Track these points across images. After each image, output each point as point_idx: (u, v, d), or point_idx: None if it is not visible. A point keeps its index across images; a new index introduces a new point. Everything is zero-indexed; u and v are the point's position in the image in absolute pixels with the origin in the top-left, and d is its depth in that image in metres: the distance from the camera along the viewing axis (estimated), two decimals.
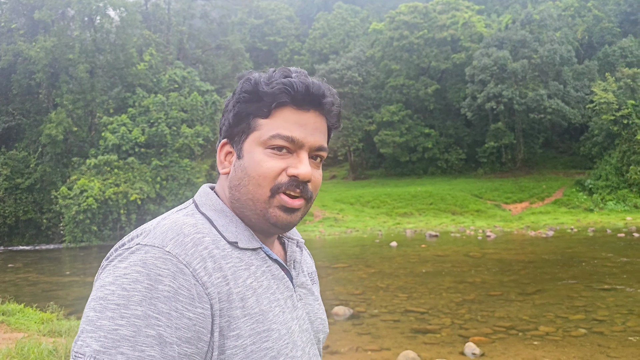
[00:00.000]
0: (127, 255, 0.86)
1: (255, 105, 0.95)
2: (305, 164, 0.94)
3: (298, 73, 0.97)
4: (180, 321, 0.82)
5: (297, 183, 0.94)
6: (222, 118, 1.02)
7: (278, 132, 0.93)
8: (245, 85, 0.96)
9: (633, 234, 21.00)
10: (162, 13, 37.76)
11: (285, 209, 0.95)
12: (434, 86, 40.55)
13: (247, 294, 0.90)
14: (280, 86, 0.93)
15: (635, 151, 31.39)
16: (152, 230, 0.89)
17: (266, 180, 0.94)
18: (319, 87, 0.96)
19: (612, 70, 36.67)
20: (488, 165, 39.21)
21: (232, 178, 0.97)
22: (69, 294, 13.18)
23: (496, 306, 9.78)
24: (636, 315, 8.83)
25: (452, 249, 18.56)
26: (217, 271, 0.87)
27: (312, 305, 1.07)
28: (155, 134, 28.56)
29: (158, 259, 0.84)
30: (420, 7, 41.60)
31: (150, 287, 0.82)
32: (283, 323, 0.94)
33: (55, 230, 28.72)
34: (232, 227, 0.96)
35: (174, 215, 0.94)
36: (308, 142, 0.95)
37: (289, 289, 0.99)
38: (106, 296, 0.82)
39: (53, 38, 29.66)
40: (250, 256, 0.95)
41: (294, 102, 0.95)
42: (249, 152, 0.95)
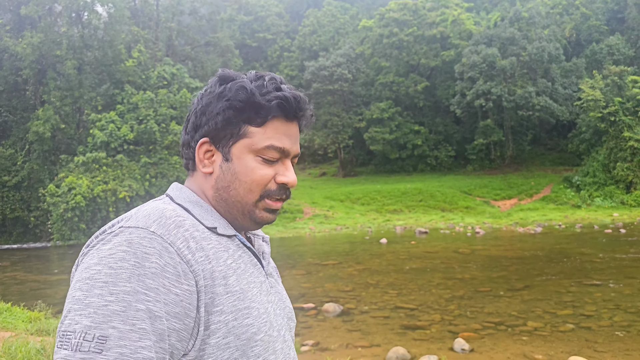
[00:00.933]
0: (111, 237, 0.88)
1: (248, 114, 1.00)
2: (292, 171, 1.04)
3: (284, 84, 1.04)
4: (168, 297, 0.85)
5: (285, 189, 1.03)
6: (201, 117, 1.03)
7: (272, 143, 1.00)
8: (240, 94, 0.99)
9: (620, 230, 21.23)
10: (150, 9, 37.48)
11: (270, 210, 1.03)
12: (423, 83, 40.67)
13: (229, 273, 0.94)
14: (277, 101, 0.99)
15: (622, 148, 31.71)
16: (133, 215, 0.92)
17: (258, 187, 1.01)
18: (304, 100, 1.03)
19: (599, 67, 36.98)
20: (477, 162, 39.42)
21: (220, 179, 1.02)
22: (57, 293, 13.07)
23: (485, 302, 9.85)
24: (623, 310, 8.93)
25: (441, 246, 18.65)
26: (200, 251, 0.92)
27: (281, 294, 1.12)
28: (144, 131, 28.38)
29: (143, 239, 0.87)
30: (410, 5, 41.67)
31: (137, 264, 0.84)
32: (261, 303, 0.99)
33: (43, 228, 28.47)
34: (208, 215, 1.01)
35: (152, 203, 0.99)
36: (293, 151, 1.04)
37: (262, 275, 1.05)
38: (92, 276, 0.84)
39: (40, 34, 29.34)
40: (227, 241, 1.00)
41: (285, 114, 1.01)
42: (240, 158, 1.00)
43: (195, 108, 1.04)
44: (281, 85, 1.02)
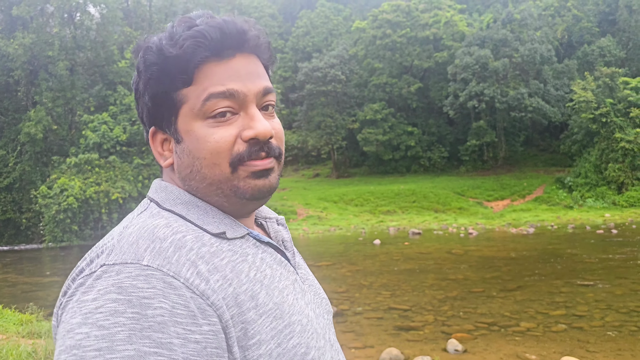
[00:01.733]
0: (92, 283, 0.65)
1: (169, 76, 0.76)
2: (260, 119, 0.77)
3: (202, 17, 0.78)
4: (187, 348, 0.63)
5: (260, 145, 0.77)
6: (137, 105, 0.82)
7: (210, 91, 0.74)
8: (148, 57, 0.76)
9: (611, 230, 21.36)
10: (143, 10, 37.37)
11: (256, 174, 0.77)
12: (416, 84, 40.78)
13: (256, 289, 0.73)
14: (191, 41, 0.74)
15: (614, 149, 31.93)
16: (116, 245, 0.69)
17: (220, 156, 0.76)
18: (234, 23, 0.77)
19: (591, 69, 37.23)
20: (470, 163, 39.57)
21: (180, 167, 0.79)
22: (49, 295, 12.99)
23: (478, 303, 9.88)
24: (614, 310, 8.99)
25: (434, 247, 18.70)
26: (214, 273, 0.69)
27: (315, 286, 0.91)
28: (137, 132, 28.28)
29: (137, 278, 0.64)
30: (403, 6, 41.78)
31: (136, 316, 0.62)
32: (301, 312, 0.78)
33: (35, 230, 28.30)
34: (209, 217, 0.78)
35: (137, 220, 0.75)
36: (250, 90, 0.77)
37: (292, 273, 0.83)
38: (79, 343, 0.61)
39: (32, 35, 29.19)
40: (241, 245, 0.78)
41: (214, 54, 0.75)
42: (188, 132, 0.77)
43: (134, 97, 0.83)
44: (197, 20, 0.76)
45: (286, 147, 41.52)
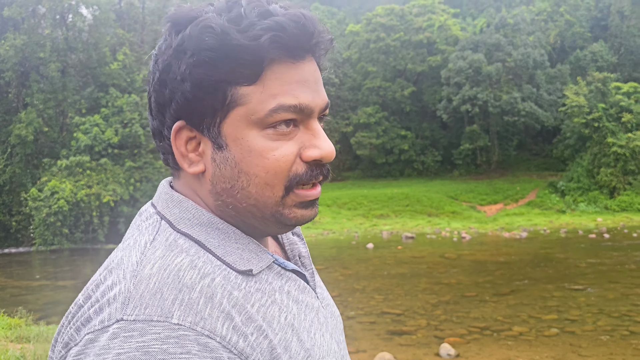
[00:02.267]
0: (107, 343, 0.53)
1: (229, 67, 0.61)
2: (324, 136, 0.66)
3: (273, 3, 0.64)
4: None
5: (320, 168, 0.67)
6: (159, 87, 0.66)
7: (279, 103, 0.62)
8: (206, 40, 0.61)
9: (604, 234, 21.44)
10: (136, 12, 37.25)
11: (305, 204, 0.67)
12: (410, 88, 40.87)
13: (288, 337, 0.64)
14: (270, 34, 0.61)
15: (606, 154, 32.10)
16: (133, 292, 0.56)
17: (278, 177, 0.64)
18: (315, 23, 0.65)
19: (583, 74, 37.46)
20: (463, 167, 39.66)
21: (217, 178, 0.65)
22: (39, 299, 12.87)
23: (471, 307, 9.85)
24: (606, 315, 8.99)
25: (428, 251, 18.68)
26: (249, 324, 0.59)
27: (331, 305, 0.81)
28: (129, 135, 28.12)
29: (167, 342, 0.53)
30: (397, 10, 41.90)
31: None
32: (329, 350, 0.71)
33: (25, 233, 28.04)
34: (231, 245, 0.66)
35: (152, 253, 0.61)
36: (317, 104, 0.66)
37: (314, 299, 0.74)
38: None
39: (23, 36, 29.00)
40: (267, 280, 0.67)
41: (289, 53, 0.63)
42: (238, 140, 0.63)
43: (152, 78, 0.67)
44: (270, 6, 0.63)
45: None
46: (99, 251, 24.59)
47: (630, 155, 31.36)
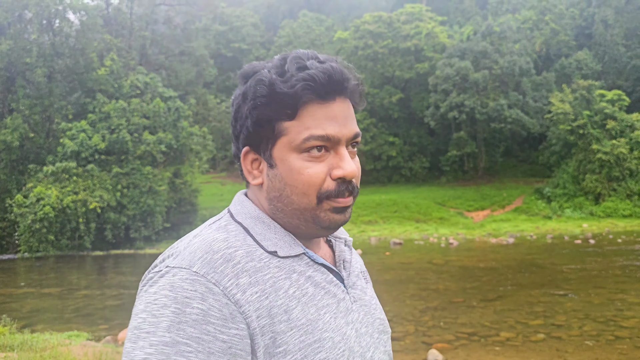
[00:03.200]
0: (157, 279, 0.82)
1: (275, 108, 0.87)
2: (348, 161, 0.88)
3: (312, 59, 0.89)
4: (214, 344, 0.77)
5: (346, 185, 0.89)
6: (234, 123, 0.93)
7: (310, 133, 0.86)
8: (259, 89, 0.87)
9: (589, 240, 21.66)
10: (124, 18, 37.09)
11: (337, 210, 0.89)
12: (398, 95, 41.09)
13: (291, 305, 0.84)
14: (302, 83, 0.85)
15: (591, 160, 32.48)
16: (182, 251, 0.84)
17: (311, 189, 0.88)
18: (341, 73, 0.89)
19: (568, 81, 37.93)
20: (451, 173, 39.88)
21: (270, 189, 0.91)
22: (24, 306, 12.70)
23: (459, 313, 9.90)
24: (592, 320, 9.08)
25: (415, 257, 18.74)
26: (253, 286, 0.82)
27: (369, 306, 1.00)
28: (116, 141, 27.91)
29: (185, 281, 0.79)
30: (385, 17, 42.17)
31: (177, 311, 0.77)
32: (336, 330, 0.88)
33: (10, 240, 27.67)
34: (270, 234, 0.90)
35: (206, 230, 0.89)
36: (344, 135, 0.88)
37: (341, 292, 0.93)
38: (139, 325, 0.79)
39: (9, 41, 28.71)
40: (292, 263, 0.89)
41: (319, 96, 0.87)
42: (283, 160, 0.88)
43: (232, 115, 0.95)
44: (308, 62, 0.87)
45: None
46: (85, 258, 24.34)
47: (614, 161, 31.76)
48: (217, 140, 40.27)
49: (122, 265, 21.59)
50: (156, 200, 27.73)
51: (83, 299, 13.55)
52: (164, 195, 28.21)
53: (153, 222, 27.65)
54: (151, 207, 27.40)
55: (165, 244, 27.46)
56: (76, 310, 12.07)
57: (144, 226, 27.54)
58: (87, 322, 10.52)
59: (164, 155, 29.27)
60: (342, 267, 0.98)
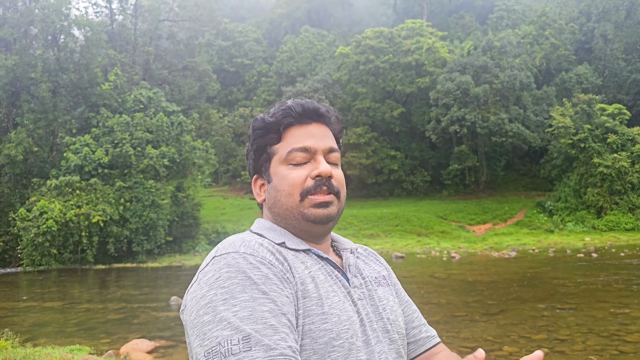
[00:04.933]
0: (208, 269, 0.99)
1: (267, 136, 1.13)
2: (323, 162, 1.10)
3: (294, 99, 1.16)
4: (281, 298, 0.94)
5: (322, 181, 1.09)
6: (248, 160, 1.20)
7: (292, 147, 1.10)
8: (255, 124, 1.15)
9: (592, 254, 21.61)
10: (128, 33, 37.46)
11: (317, 205, 1.09)
12: (399, 109, 41.26)
13: (307, 280, 1.01)
14: (281, 112, 1.12)
15: (592, 174, 32.49)
16: (220, 247, 1.03)
17: (295, 188, 1.09)
18: (312, 103, 1.14)
19: (569, 95, 38.09)
20: (452, 187, 39.90)
21: (268, 200, 1.14)
22: (26, 320, 12.70)
23: (461, 327, 9.88)
24: (595, 334, 9.05)
25: (417, 270, 18.71)
26: (284, 262, 1.01)
27: (375, 306, 1.13)
28: (120, 155, 28.04)
29: (238, 259, 0.97)
30: (386, 32, 42.49)
31: (244, 277, 0.94)
32: (343, 310, 1.03)
33: (13, 253, 27.68)
34: (278, 235, 1.10)
35: (234, 235, 1.09)
36: (320, 146, 1.12)
37: (345, 287, 1.09)
38: (212, 299, 0.93)
39: (15, 56, 29.00)
40: (302, 255, 1.08)
41: (297, 121, 1.12)
42: (276, 174, 1.12)
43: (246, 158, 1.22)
44: (289, 101, 1.14)
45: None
46: (88, 272, 24.33)
47: (616, 175, 31.78)
48: (219, 154, 40.42)
49: (124, 278, 21.58)
50: (159, 213, 27.76)
51: (85, 312, 13.54)
52: (167, 208, 28.25)
53: (155, 236, 27.66)
54: (154, 220, 27.43)
55: (167, 258, 27.43)
56: (78, 324, 12.06)
57: (146, 240, 27.55)
58: (89, 336, 10.52)
59: (166, 169, 29.38)
60: (348, 270, 1.14)
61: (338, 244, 1.23)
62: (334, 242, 1.24)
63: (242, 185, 44.92)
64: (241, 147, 45.63)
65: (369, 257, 1.28)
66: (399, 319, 1.17)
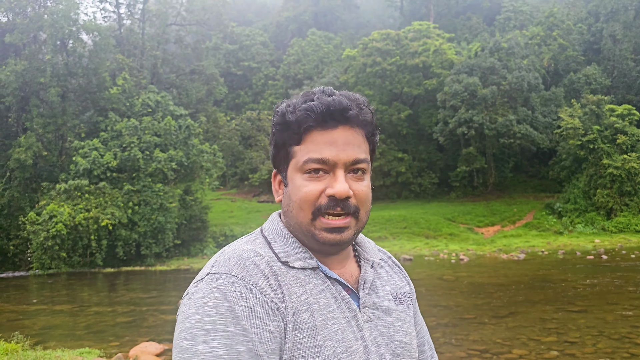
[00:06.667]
0: (201, 287, 0.94)
1: (287, 134, 1.01)
2: (340, 181, 0.98)
3: (321, 93, 1.01)
4: (264, 335, 0.89)
5: (336, 202, 0.98)
6: (270, 149, 1.10)
7: (309, 156, 0.98)
8: (275, 118, 1.03)
9: (601, 256, 21.43)
10: (136, 38, 37.68)
11: (330, 229, 0.99)
12: (406, 111, 41.19)
13: (301, 309, 0.95)
14: (302, 112, 0.98)
15: (602, 175, 32.25)
16: (218, 260, 0.97)
17: (307, 204, 0.98)
18: (340, 102, 0.99)
19: (577, 96, 37.85)
20: (460, 189, 39.74)
21: (283, 204, 1.05)
22: (36, 323, 12.78)
23: (470, 329, 9.82)
24: (606, 337, 8.98)
25: (426, 273, 18.64)
26: (279, 288, 0.95)
27: (387, 327, 1.05)
28: (128, 159, 28.19)
29: (228, 283, 0.91)
30: (393, 35, 42.47)
31: (229, 308, 0.89)
32: (341, 341, 0.96)
33: (23, 257, 27.88)
34: (289, 248, 1.01)
35: (238, 242, 1.04)
36: (341, 159, 0.98)
37: (351, 309, 1.01)
38: (194, 325, 0.90)
39: (24, 61, 29.25)
40: (307, 275, 0.99)
41: (319, 124, 0.98)
42: (291, 180, 1.01)
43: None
44: (315, 96, 1.00)
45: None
46: (97, 275, 24.45)
47: (626, 176, 31.53)
48: (227, 158, 40.52)
49: (132, 282, 21.66)
50: (167, 217, 27.87)
51: (94, 315, 13.61)
52: (175, 212, 28.35)
53: (164, 239, 27.76)
54: (162, 224, 27.53)
55: (175, 261, 27.51)
56: (87, 327, 12.12)
57: (154, 243, 27.65)
58: (99, 339, 10.57)
59: (174, 172, 29.50)
60: (362, 287, 1.05)
61: (362, 251, 1.13)
62: (358, 246, 1.15)
63: (250, 188, 45.00)
64: (248, 150, 45.74)
65: (393, 270, 1.19)
66: (413, 342, 1.10)
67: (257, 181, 43.62)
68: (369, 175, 1.06)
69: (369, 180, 1.07)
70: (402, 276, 1.21)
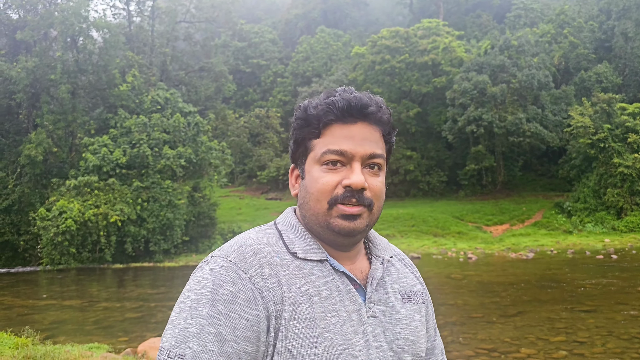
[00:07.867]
0: (203, 265, 1.00)
1: (307, 129, 1.05)
2: (357, 173, 1.01)
3: (343, 91, 1.06)
4: (239, 321, 0.92)
5: (352, 193, 1.00)
6: (289, 145, 1.12)
7: (328, 147, 1.01)
8: (297, 113, 1.07)
9: (611, 255, 21.28)
10: (145, 35, 37.82)
11: (344, 216, 1.00)
12: (415, 109, 41.07)
13: (300, 300, 0.97)
14: (324, 106, 1.03)
15: (612, 174, 31.99)
16: (224, 245, 1.03)
17: (323, 195, 1.01)
18: (360, 99, 1.03)
19: (588, 95, 37.52)
20: (469, 187, 39.58)
21: (299, 197, 1.07)
22: (45, 318, 12.89)
23: (478, 328, 9.80)
24: (615, 337, 8.92)
25: (434, 271, 18.60)
26: (273, 277, 0.97)
27: (393, 324, 1.06)
28: (137, 155, 28.34)
29: (221, 267, 0.96)
30: (402, 32, 42.33)
31: (213, 291, 0.94)
32: (339, 333, 0.97)
33: (33, 252, 28.14)
34: (300, 240, 1.04)
35: (249, 231, 1.07)
36: (358, 152, 1.02)
37: (355, 304, 1.02)
38: (184, 300, 0.96)
39: (35, 58, 29.46)
40: (312, 267, 1.01)
41: (339, 118, 1.02)
42: (309, 172, 1.04)
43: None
44: (336, 93, 1.05)
45: (283, 172, 41.64)
46: (106, 271, 24.61)
47: (636, 175, 31.24)
48: (235, 155, 40.60)
49: (141, 278, 21.79)
50: (175, 213, 27.99)
51: (103, 311, 13.71)
52: (183, 208, 28.47)
53: (172, 236, 27.89)
54: (170, 220, 27.66)
55: (184, 258, 27.64)
56: (96, 322, 12.21)
57: (163, 239, 27.79)
58: (107, 334, 10.65)
59: (183, 169, 29.61)
60: (370, 283, 1.07)
61: (373, 248, 1.14)
62: (370, 243, 1.15)
63: (258, 186, 45.08)
64: (257, 148, 45.81)
65: (404, 268, 1.19)
66: (421, 340, 1.10)
67: (265, 178, 43.69)
68: (384, 173, 1.09)
69: (384, 178, 1.10)
70: (414, 275, 1.21)
